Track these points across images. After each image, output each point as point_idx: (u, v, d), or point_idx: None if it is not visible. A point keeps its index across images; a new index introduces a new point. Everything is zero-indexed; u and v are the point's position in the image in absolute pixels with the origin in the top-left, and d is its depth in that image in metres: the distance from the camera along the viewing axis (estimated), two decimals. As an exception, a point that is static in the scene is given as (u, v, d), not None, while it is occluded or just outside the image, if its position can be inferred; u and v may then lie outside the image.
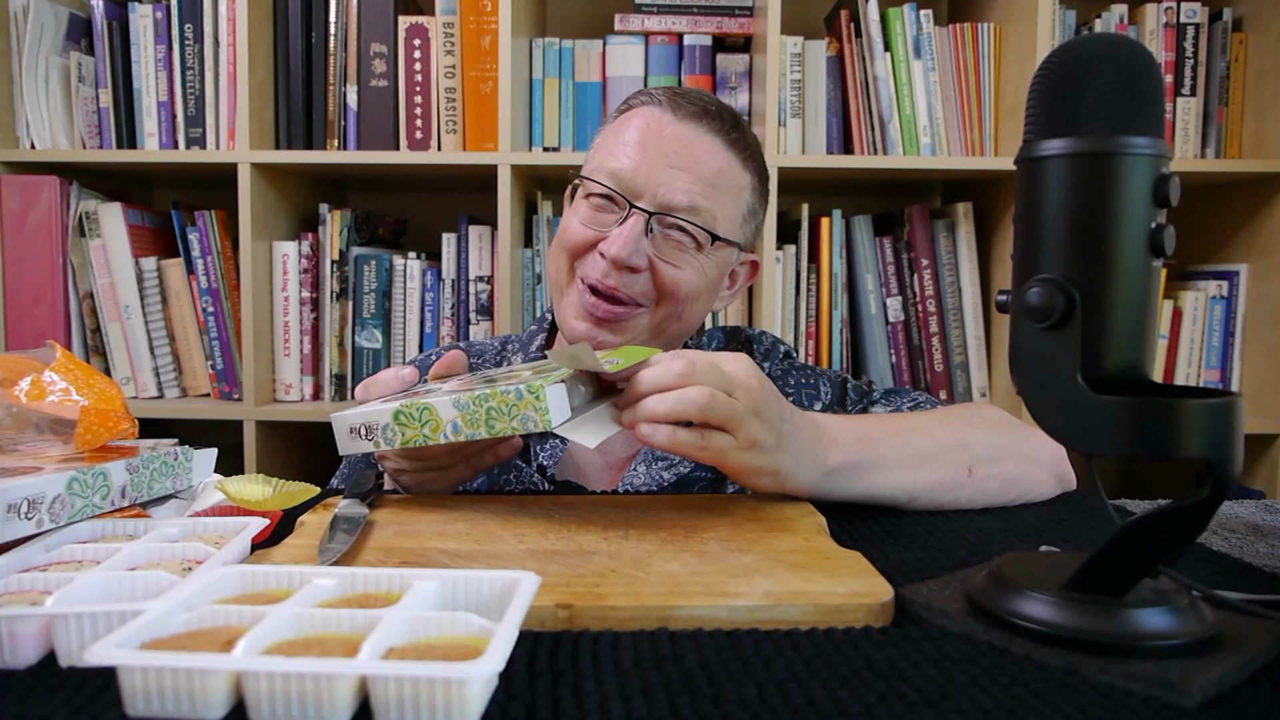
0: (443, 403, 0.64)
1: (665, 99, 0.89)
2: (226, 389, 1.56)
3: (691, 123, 0.87)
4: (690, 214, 0.86)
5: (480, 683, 0.37)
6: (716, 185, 0.87)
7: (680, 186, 0.85)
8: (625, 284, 0.86)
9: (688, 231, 0.87)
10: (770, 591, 0.50)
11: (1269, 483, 1.55)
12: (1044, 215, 0.46)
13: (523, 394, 0.61)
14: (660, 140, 0.86)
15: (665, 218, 0.86)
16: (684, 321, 0.91)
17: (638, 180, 0.86)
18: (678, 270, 0.88)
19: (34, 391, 0.63)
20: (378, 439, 0.66)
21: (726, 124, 0.89)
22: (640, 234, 0.85)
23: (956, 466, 0.74)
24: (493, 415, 0.62)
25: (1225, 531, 0.70)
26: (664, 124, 0.87)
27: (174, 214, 1.54)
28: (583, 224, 0.88)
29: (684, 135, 0.86)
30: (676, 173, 0.86)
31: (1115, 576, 0.46)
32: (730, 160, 0.89)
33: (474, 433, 0.63)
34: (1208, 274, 1.65)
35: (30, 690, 0.40)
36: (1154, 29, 1.56)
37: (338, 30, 1.54)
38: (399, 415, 0.65)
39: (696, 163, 0.86)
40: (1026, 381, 0.47)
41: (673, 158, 0.86)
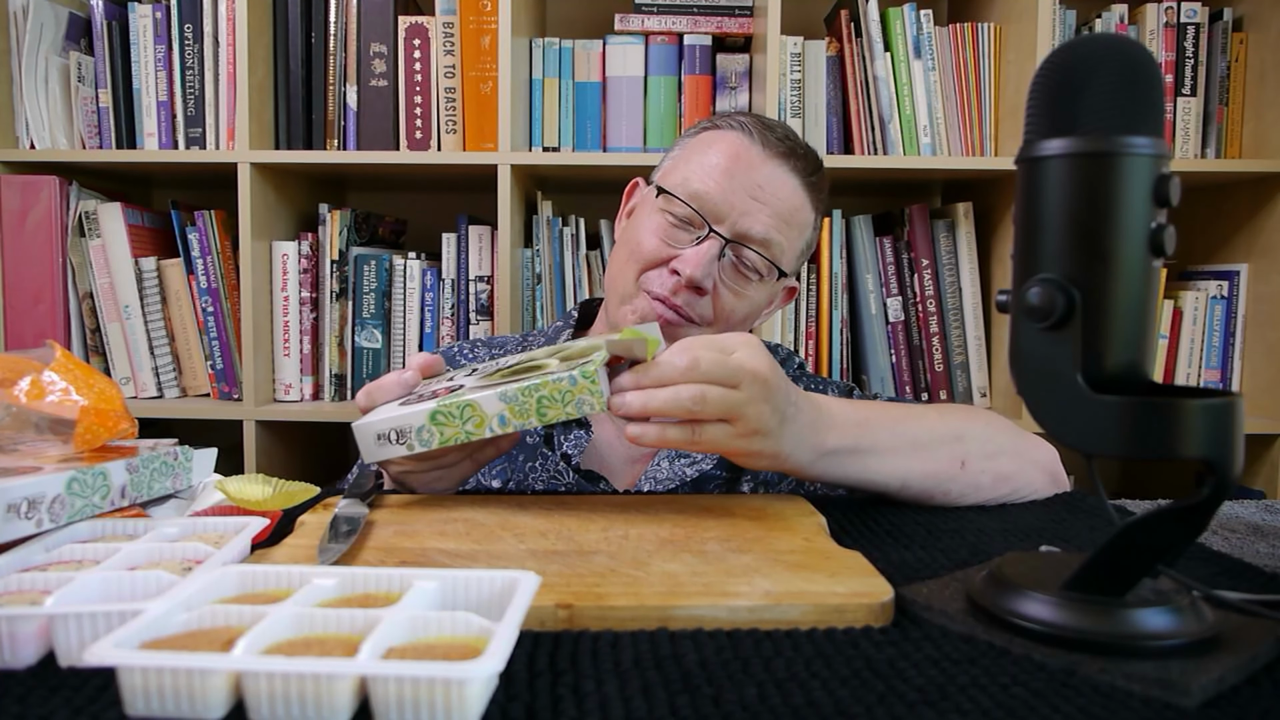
0: (486, 397, 0.63)
1: (755, 130, 0.92)
2: (226, 389, 1.56)
3: (779, 160, 0.91)
4: (763, 247, 0.90)
5: (480, 683, 0.37)
6: (790, 222, 0.92)
7: (760, 219, 0.90)
8: (689, 303, 0.90)
9: (756, 264, 0.91)
10: (770, 591, 0.50)
11: (1269, 483, 1.55)
12: (1044, 215, 0.46)
13: (577, 380, 0.61)
14: (748, 171, 0.90)
15: (740, 247, 0.90)
16: None
17: (721, 206, 0.89)
18: (737, 299, 0.92)
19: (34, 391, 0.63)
20: (411, 442, 0.66)
21: (810, 166, 0.93)
22: (714, 258, 0.89)
23: (950, 458, 0.75)
24: (544, 404, 0.62)
25: (1225, 531, 0.70)
26: (753, 156, 0.91)
27: (174, 214, 1.54)
28: (659, 238, 0.91)
29: (770, 171, 0.91)
30: (758, 205, 0.90)
31: (1115, 576, 0.46)
32: (805, 200, 0.93)
33: (523, 423, 0.63)
34: (1208, 274, 1.65)
35: (30, 690, 0.40)
36: (1154, 29, 1.56)
37: (338, 30, 1.54)
38: (436, 415, 0.65)
39: (777, 198, 0.90)
40: (1026, 381, 0.47)
41: (756, 190, 0.90)
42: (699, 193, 0.90)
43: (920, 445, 0.74)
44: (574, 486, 0.90)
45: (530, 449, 0.94)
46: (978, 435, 0.77)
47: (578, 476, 0.91)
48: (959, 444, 0.76)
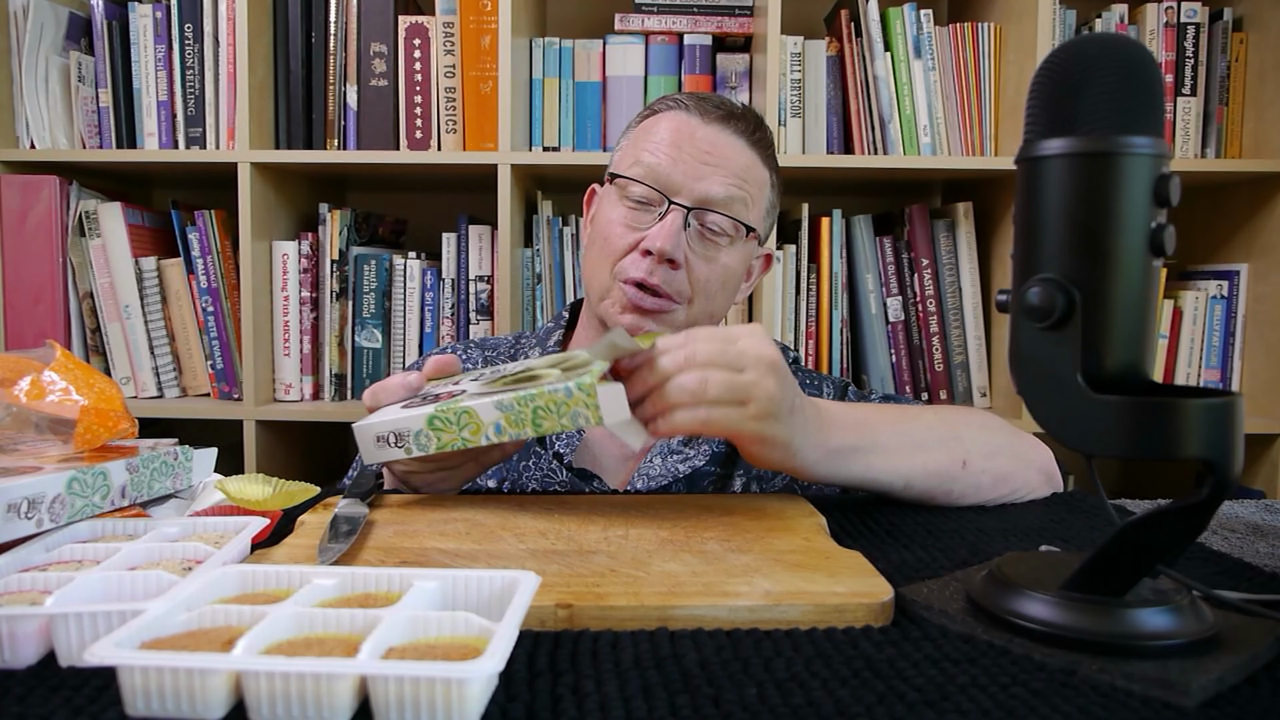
0: (483, 405, 0.63)
1: (692, 104, 0.94)
2: (226, 389, 1.56)
3: (719, 125, 0.92)
4: (726, 206, 0.91)
5: (480, 683, 0.37)
6: (745, 178, 0.92)
7: (716, 180, 0.91)
8: (666, 280, 0.90)
9: (722, 226, 0.92)
10: (770, 591, 0.50)
11: (1269, 483, 1.55)
12: (1044, 215, 0.46)
13: (573, 391, 0.61)
14: (692, 141, 0.91)
15: (703, 213, 0.91)
16: (715, 316, 0.97)
17: (674, 178, 0.90)
18: (710, 267, 0.92)
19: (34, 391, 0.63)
20: (409, 445, 0.66)
21: (750, 124, 0.94)
22: (680, 228, 0.90)
23: (951, 458, 0.75)
24: (540, 414, 0.62)
25: (1225, 531, 0.70)
26: (694, 127, 0.92)
27: (174, 214, 1.54)
28: (623, 226, 0.92)
29: (713, 136, 0.92)
30: (710, 168, 0.91)
31: (1115, 576, 0.46)
32: (754, 158, 0.94)
33: (518, 433, 0.63)
34: (1208, 274, 1.65)
35: (30, 690, 0.40)
36: (1154, 29, 1.56)
37: (338, 30, 1.54)
38: (434, 420, 0.65)
39: (727, 158, 0.91)
40: (1026, 381, 0.47)
41: (705, 156, 0.91)
42: (651, 169, 0.91)
43: (921, 444, 0.75)
44: (567, 484, 0.91)
45: (524, 448, 0.94)
46: (975, 435, 0.78)
47: (571, 475, 0.91)
48: (958, 443, 0.76)
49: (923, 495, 0.75)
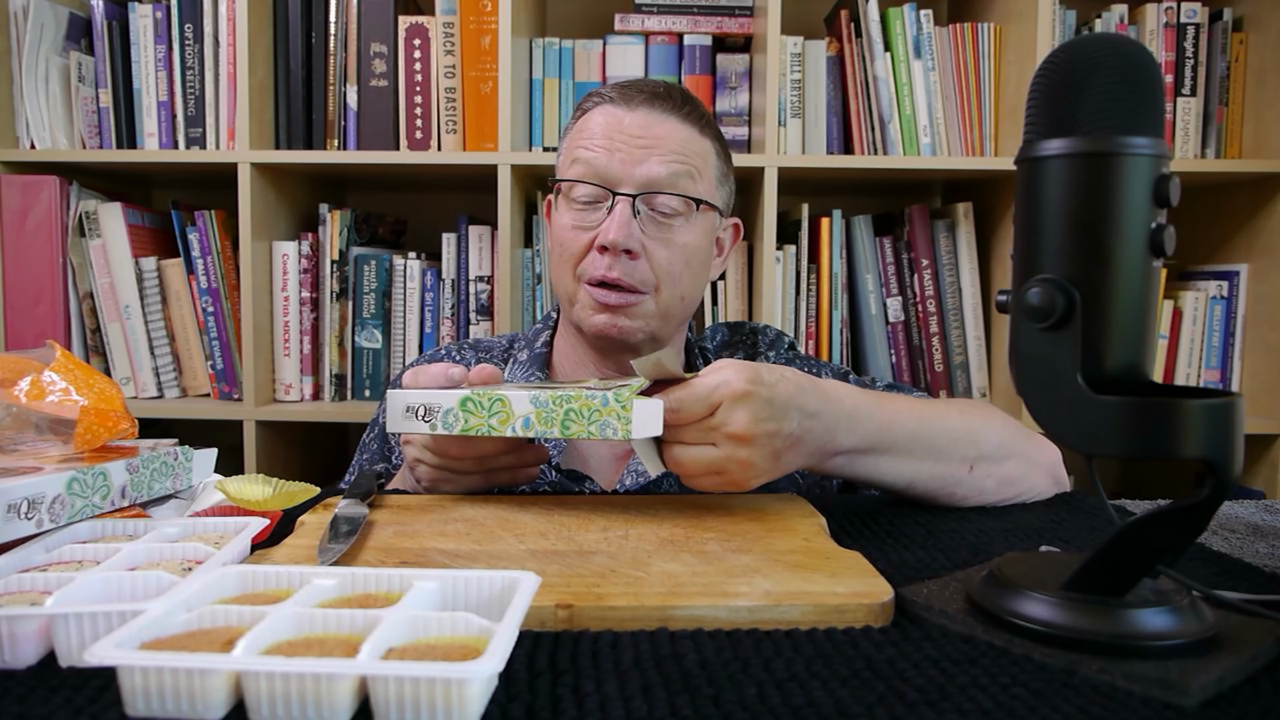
0: (518, 397, 0.64)
1: (615, 94, 0.94)
2: (226, 389, 1.56)
3: (646, 108, 0.92)
4: (672, 185, 0.90)
5: (480, 683, 0.37)
6: (685, 152, 0.92)
7: (655, 161, 0.90)
8: (627, 272, 0.89)
9: (673, 206, 0.91)
10: (770, 591, 0.50)
11: (1269, 483, 1.55)
12: (1044, 215, 0.46)
13: (609, 401, 0.61)
14: (621, 129, 0.91)
15: (650, 196, 0.90)
16: (687, 298, 0.96)
17: (613, 169, 0.90)
18: (670, 249, 0.91)
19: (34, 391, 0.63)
20: (435, 422, 0.67)
21: (676, 101, 0.93)
22: (629, 217, 0.89)
23: (960, 461, 0.75)
24: (571, 417, 0.63)
25: (1225, 531, 0.70)
26: (620, 116, 0.92)
27: (174, 214, 1.54)
28: (575, 228, 0.92)
29: (642, 119, 0.91)
30: (646, 151, 0.90)
31: (1115, 576, 0.46)
32: (689, 131, 0.93)
33: (545, 431, 0.63)
34: (1208, 274, 1.65)
35: (30, 690, 0.40)
36: (1154, 29, 1.56)
37: (338, 30, 1.54)
38: (466, 402, 0.66)
39: (660, 138, 0.91)
40: (1026, 381, 0.47)
41: (638, 141, 0.90)
42: (589, 165, 0.91)
43: (934, 448, 0.74)
44: (557, 485, 0.91)
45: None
46: (992, 438, 0.77)
47: (560, 475, 0.91)
48: (972, 446, 0.76)
49: (924, 496, 0.76)
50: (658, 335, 0.95)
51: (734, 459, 0.65)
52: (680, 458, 0.66)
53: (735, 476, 0.65)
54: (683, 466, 0.66)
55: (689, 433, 0.65)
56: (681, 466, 0.66)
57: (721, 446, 0.65)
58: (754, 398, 0.64)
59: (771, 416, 0.65)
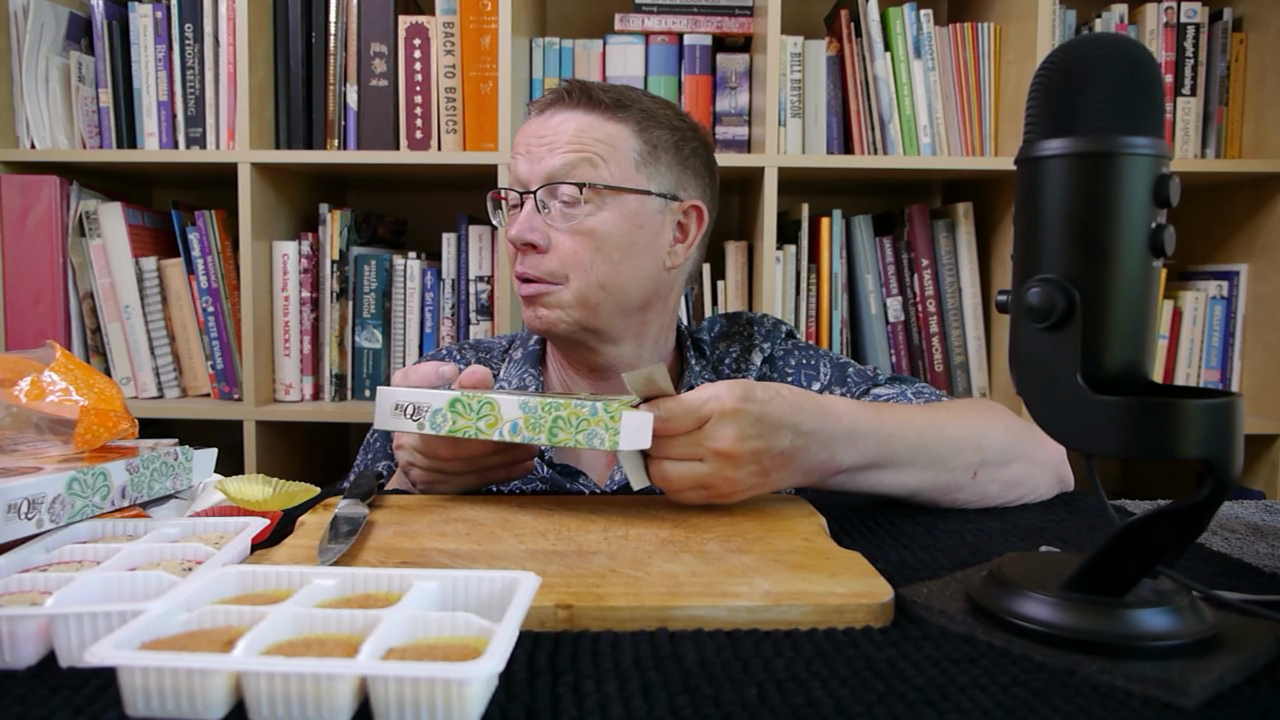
0: (507, 401, 0.64)
1: (535, 103, 0.97)
2: (226, 389, 1.56)
3: (549, 111, 0.94)
4: (569, 173, 0.91)
5: (480, 683, 0.37)
6: (583, 142, 0.92)
7: (553, 156, 0.91)
8: (533, 265, 0.92)
9: (572, 194, 0.91)
10: (770, 591, 0.50)
11: (1269, 483, 1.55)
12: (1044, 215, 0.46)
13: (598, 411, 0.62)
14: (527, 135, 0.94)
15: (552, 189, 0.91)
16: (611, 285, 0.92)
17: (521, 171, 0.93)
18: (575, 237, 0.91)
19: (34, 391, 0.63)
20: (423, 421, 0.67)
21: (575, 96, 0.94)
22: (532, 213, 0.92)
23: (964, 468, 0.75)
24: (559, 424, 0.63)
25: (1225, 531, 0.70)
26: (533, 123, 0.95)
27: (174, 214, 1.54)
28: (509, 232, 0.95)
29: (543, 121, 0.94)
30: (545, 148, 0.92)
31: (1115, 576, 0.46)
32: (591, 119, 0.93)
33: (533, 437, 0.64)
34: (1208, 274, 1.65)
35: (30, 690, 0.40)
36: (1154, 29, 1.56)
37: (338, 30, 1.54)
38: (455, 403, 0.66)
39: (557, 133, 0.92)
40: (1026, 381, 0.47)
41: (538, 140, 0.93)
42: (511, 174, 0.95)
43: (937, 458, 0.74)
44: (549, 480, 0.91)
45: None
46: (996, 442, 0.77)
47: (553, 471, 0.92)
48: (975, 453, 0.75)
49: (927, 502, 0.76)
50: (587, 325, 0.93)
51: (720, 475, 0.65)
52: (667, 472, 0.66)
53: (720, 491, 0.66)
54: (669, 481, 0.66)
55: (676, 446, 0.65)
56: (668, 481, 0.66)
57: (708, 462, 0.65)
58: (742, 415, 0.64)
59: (760, 434, 0.65)
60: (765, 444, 0.65)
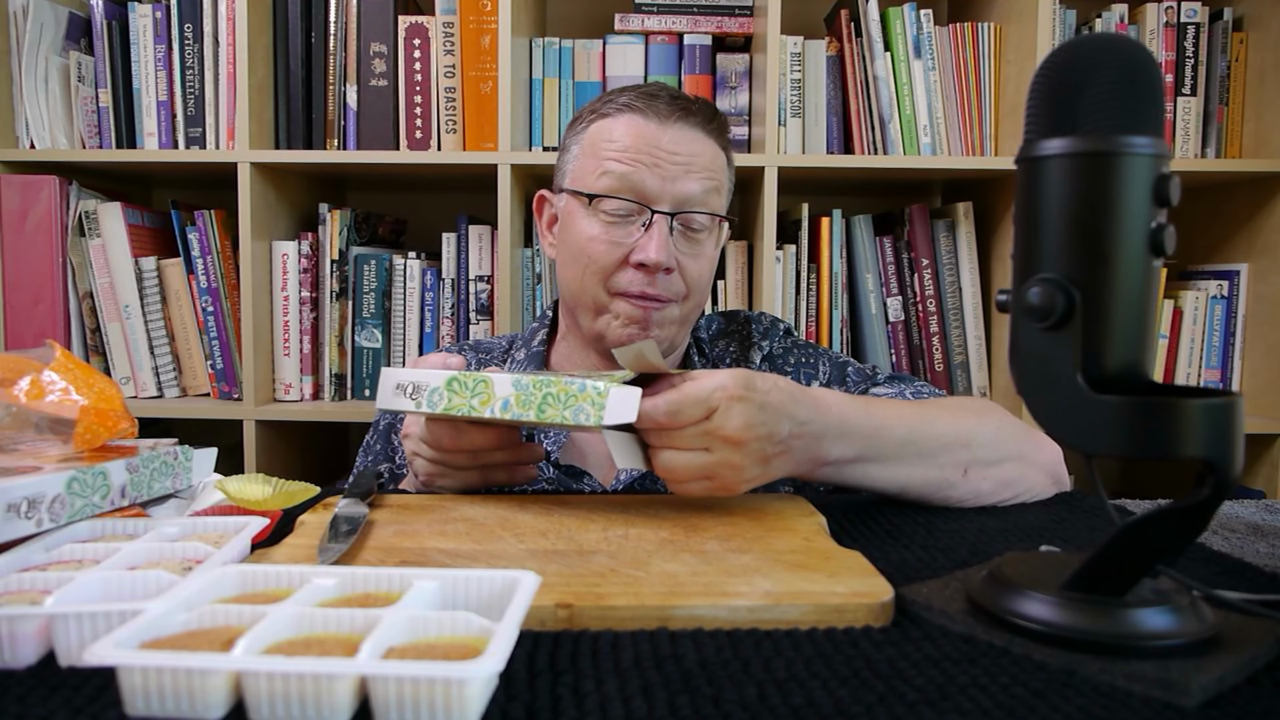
0: (501, 379, 0.65)
1: (643, 105, 0.92)
2: (226, 389, 1.56)
3: (678, 123, 0.92)
4: (704, 203, 0.92)
5: (480, 683, 0.37)
6: (712, 170, 0.94)
7: (690, 181, 0.91)
8: (665, 286, 0.92)
9: (703, 223, 0.93)
10: (770, 591, 0.50)
11: (1269, 483, 1.55)
12: (1044, 215, 0.46)
13: (585, 387, 0.62)
14: (657, 144, 0.91)
15: (686, 215, 0.92)
16: (702, 305, 0.99)
17: (650, 185, 0.90)
18: (698, 262, 0.94)
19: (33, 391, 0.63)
20: (421, 400, 0.69)
21: (706, 116, 0.94)
22: (669, 236, 0.90)
23: (954, 465, 0.75)
24: (548, 401, 0.63)
25: (1225, 531, 0.70)
26: (653, 129, 0.91)
27: (174, 214, 1.54)
28: (606, 242, 0.91)
29: (675, 135, 0.91)
30: (680, 169, 0.91)
31: (1115, 576, 0.46)
32: (715, 147, 0.95)
33: (522, 414, 0.64)
34: (1208, 274, 1.65)
35: (30, 690, 0.40)
36: (1154, 29, 1.56)
37: (338, 30, 1.54)
38: (452, 382, 0.67)
39: (693, 155, 0.92)
40: (1026, 381, 0.47)
41: (672, 158, 0.90)
42: (623, 179, 0.90)
43: (926, 454, 0.74)
44: (555, 481, 0.91)
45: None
46: (986, 439, 0.77)
47: (559, 472, 0.92)
48: (966, 450, 0.75)
49: (918, 499, 0.76)
50: (675, 342, 0.97)
51: (726, 463, 0.64)
52: (670, 463, 0.65)
53: (725, 481, 0.65)
54: (673, 472, 0.65)
55: (683, 437, 0.65)
56: (671, 472, 0.65)
57: (715, 451, 0.64)
58: (749, 402, 0.64)
59: (764, 422, 0.65)
60: (768, 431, 0.65)
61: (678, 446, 0.65)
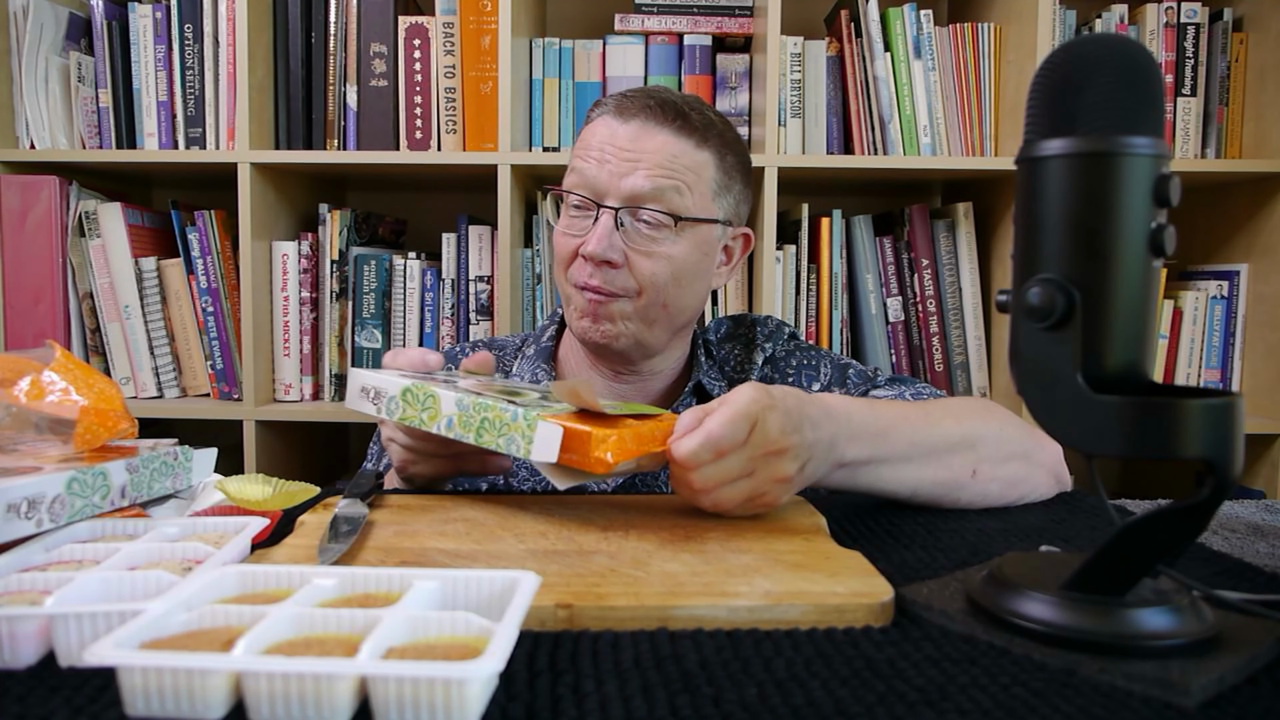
0: (448, 397, 0.66)
1: (614, 104, 0.94)
2: (226, 389, 1.56)
3: (640, 120, 0.92)
4: (656, 199, 0.90)
5: (480, 683, 0.37)
6: (674, 167, 0.91)
7: (639, 176, 0.90)
8: (607, 280, 0.91)
9: (657, 219, 0.91)
10: (770, 591, 0.50)
11: (1269, 483, 1.55)
12: (1044, 215, 0.46)
13: (518, 417, 0.63)
14: (614, 141, 0.92)
15: (634, 209, 0.91)
16: (672, 307, 0.94)
17: (600, 180, 0.91)
18: (653, 260, 0.91)
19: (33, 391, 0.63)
20: (381, 406, 0.70)
21: (670, 113, 0.92)
22: (611, 229, 0.90)
23: (963, 466, 0.75)
24: (485, 426, 0.64)
25: (1225, 531, 0.70)
26: (615, 127, 0.92)
27: (174, 214, 1.54)
28: (565, 233, 0.94)
29: (633, 132, 0.92)
30: (631, 164, 0.91)
31: (1115, 576, 0.46)
32: (681, 145, 0.92)
33: (463, 435, 0.65)
34: (1208, 274, 1.65)
35: (30, 690, 0.40)
36: (1154, 29, 1.56)
37: (338, 30, 1.54)
38: (406, 393, 0.68)
39: (649, 152, 0.91)
40: (1026, 381, 0.47)
41: (626, 154, 0.91)
42: (581, 175, 0.92)
43: (935, 454, 0.74)
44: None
45: None
46: (991, 440, 0.77)
47: None
48: (972, 451, 0.75)
49: (928, 502, 0.75)
50: (642, 340, 0.94)
51: (772, 477, 0.64)
52: (719, 499, 0.64)
53: (772, 496, 0.65)
54: (721, 505, 0.65)
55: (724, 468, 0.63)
56: (720, 505, 0.65)
57: (759, 470, 0.64)
58: (776, 409, 0.64)
59: (795, 426, 0.65)
60: (800, 436, 0.65)
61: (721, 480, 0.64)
